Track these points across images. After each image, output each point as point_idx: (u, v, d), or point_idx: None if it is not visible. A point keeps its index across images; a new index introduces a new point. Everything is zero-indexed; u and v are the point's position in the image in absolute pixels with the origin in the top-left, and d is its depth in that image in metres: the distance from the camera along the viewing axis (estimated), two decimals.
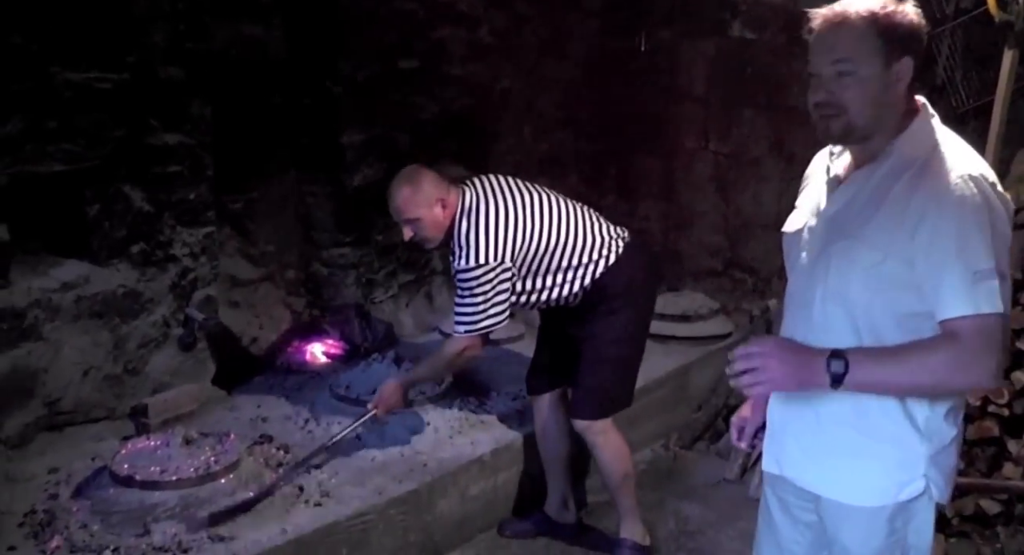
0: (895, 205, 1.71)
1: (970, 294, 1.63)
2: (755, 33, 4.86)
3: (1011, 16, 3.33)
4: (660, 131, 5.36)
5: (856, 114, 1.74)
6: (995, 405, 3.26)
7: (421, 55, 4.56)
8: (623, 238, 3.20)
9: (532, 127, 5.20)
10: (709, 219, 5.28)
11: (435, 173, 3.13)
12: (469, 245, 2.99)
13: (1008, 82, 3.40)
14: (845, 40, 1.72)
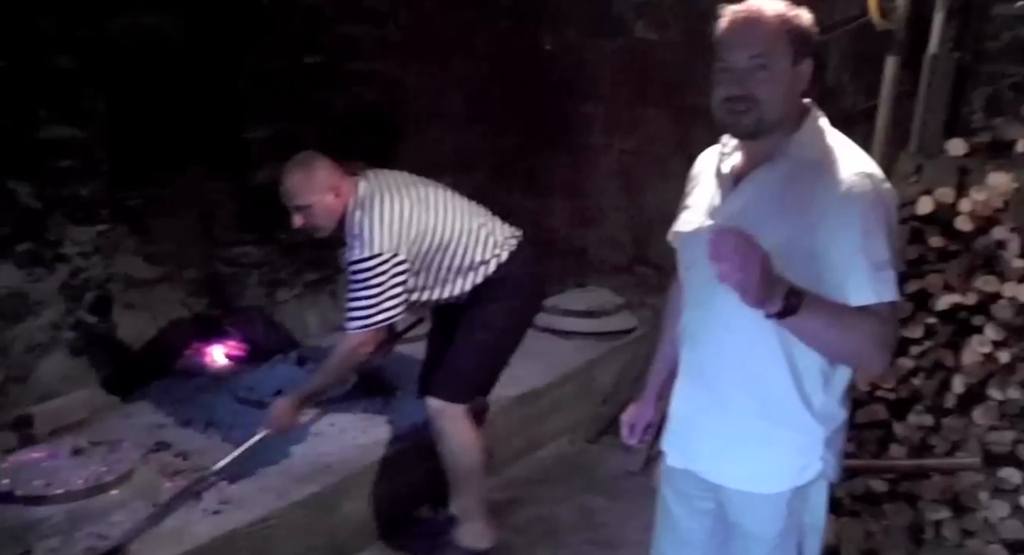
0: (797, 201, 1.77)
1: (873, 284, 1.71)
2: (658, 33, 4.93)
3: (892, 25, 3.46)
4: (567, 129, 5.40)
5: (768, 108, 1.78)
6: (882, 389, 3.38)
7: (327, 50, 4.51)
8: (516, 237, 3.23)
9: (440, 124, 5.19)
10: (614, 216, 5.34)
11: (330, 161, 3.05)
12: (363, 235, 2.91)
13: (891, 86, 3.53)
14: (762, 35, 1.77)
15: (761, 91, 1.77)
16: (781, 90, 1.78)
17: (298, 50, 4.36)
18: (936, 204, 3.27)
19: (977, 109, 3.79)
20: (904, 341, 3.36)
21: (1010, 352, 3.14)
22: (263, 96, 4.18)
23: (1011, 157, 3.29)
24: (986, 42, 3.73)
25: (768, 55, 1.76)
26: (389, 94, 4.82)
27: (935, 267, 3.30)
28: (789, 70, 1.78)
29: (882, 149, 3.59)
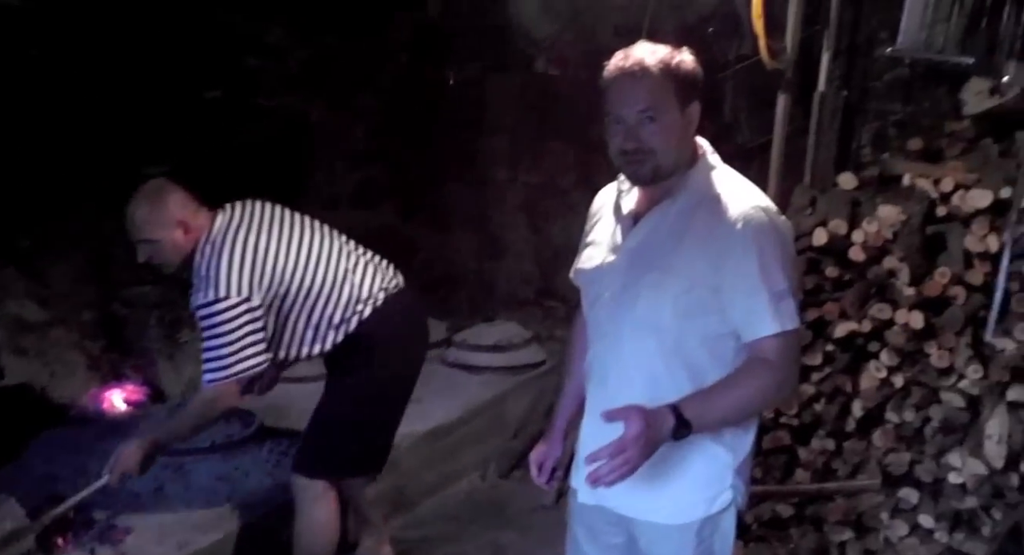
0: (697, 236, 1.81)
1: (774, 314, 1.75)
2: (559, 69, 5.00)
3: (781, 65, 3.60)
4: (472, 163, 5.41)
5: (663, 156, 1.82)
6: (786, 416, 3.45)
7: (227, 85, 4.42)
8: (385, 289, 2.84)
9: (344, 159, 5.13)
10: (521, 249, 5.37)
11: (183, 192, 2.72)
12: (208, 277, 2.58)
13: (783, 123, 3.66)
14: (648, 90, 1.80)
15: (654, 142, 1.81)
16: (673, 138, 1.83)
17: (198, 85, 4.26)
18: (830, 235, 3.38)
19: (865, 144, 3.96)
20: (804, 368, 3.45)
21: (904, 376, 3.25)
22: (161, 131, 4.05)
23: (898, 190, 3.43)
24: (871, 81, 3.92)
25: (655, 107, 1.80)
26: (291, 129, 4.74)
27: (831, 296, 3.41)
28: (678, 117, 1.82)
29: (777, 183, 3.70)
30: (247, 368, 2.60)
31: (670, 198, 1.87)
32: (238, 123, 4.47)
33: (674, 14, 4.38)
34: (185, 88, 4.20)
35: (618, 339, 1.90)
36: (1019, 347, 2.95)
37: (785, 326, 1.75)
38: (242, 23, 4.46)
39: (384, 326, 2.78)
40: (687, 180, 1.87)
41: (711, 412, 1.76)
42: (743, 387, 1.78)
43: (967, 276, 3.12)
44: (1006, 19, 2.08)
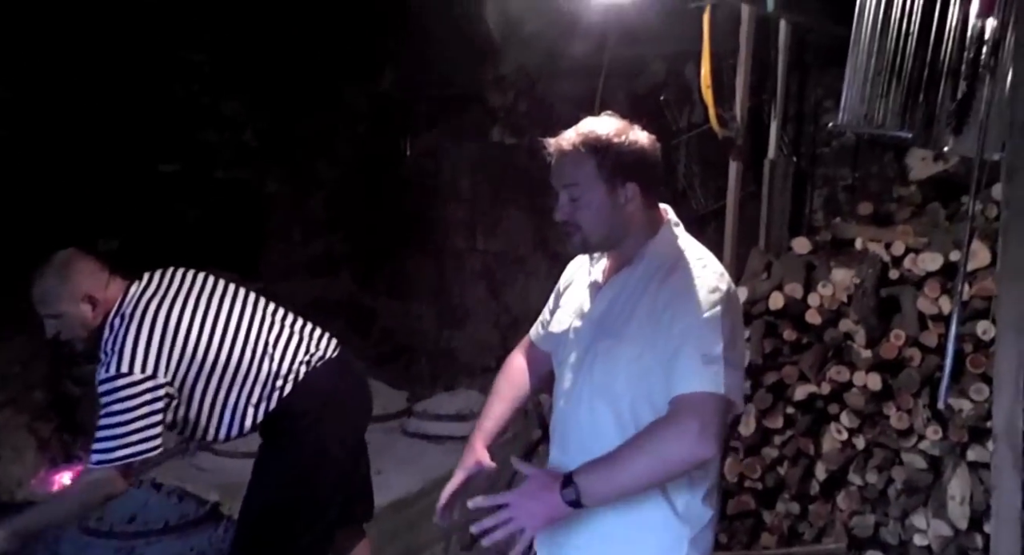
0: (649, 303, 1.81)
1: (697, 374, 1.72)
2: (514, 138, 5.04)
3: (731, 133, 3.67)
4: (430, 231, 5.40)
5: (589, 233, 1.87)
6: (750, 480, 3.43)
7: (184, 158, 4.39)
8: (309, 363, 2.64)
9: (301, 229, 5.10)
10: (480, 316, 5.33)
11: (94, 262, 2.55)
12: (113, 351, 2.40)
13: (736, 189, 3.71)
14: (570, 169, 1.85)
15: (579, 218, 1.86)
16: (598, 217, 1.85)
17: (153, 158, 4.22)
18: (787, 299, 3.41)
19: (817, 209, 4.03)
20: (766, 431, 3.45)
21: (865, 438, 3.26)
22: (114, 206, 3.99)
23: (851, 253, 3.48)
24: (819, 148, 4.01)
25: (576, 186, 1.84)
26: (247, 201, 4.71)
27: (790, 359, 3.42)
28: (605, 199, 1.84)
29: (733, 247, 3.74)
30: (136, 453, 2.40)
31: (630, 266, 1.89)
32: (194, 195, 4.43)
33: (626, 83, 4.46)
34: (141, 161, 4.17)
35: (578, 403, 1.91)
36: (976, 407, 2.97)
37: (705, 387, 1.71)
38: (200, 95, 4.46)
39: (307, 401, 2.60)
40: (646, 249, 1.88)
41: (602, 480, 1.72)
42: (635, 449, 1.73)
43: (922, 338, 3.16)
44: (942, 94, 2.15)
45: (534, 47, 4.66)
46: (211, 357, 2.51)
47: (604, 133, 1.84)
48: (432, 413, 4.61)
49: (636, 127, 1.89)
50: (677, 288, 1.79)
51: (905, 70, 2.14)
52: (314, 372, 2.64)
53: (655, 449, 1.72)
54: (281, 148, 4.90)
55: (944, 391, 2.08)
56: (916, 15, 2.14)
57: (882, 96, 2.15)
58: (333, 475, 2.67)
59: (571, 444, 1.94)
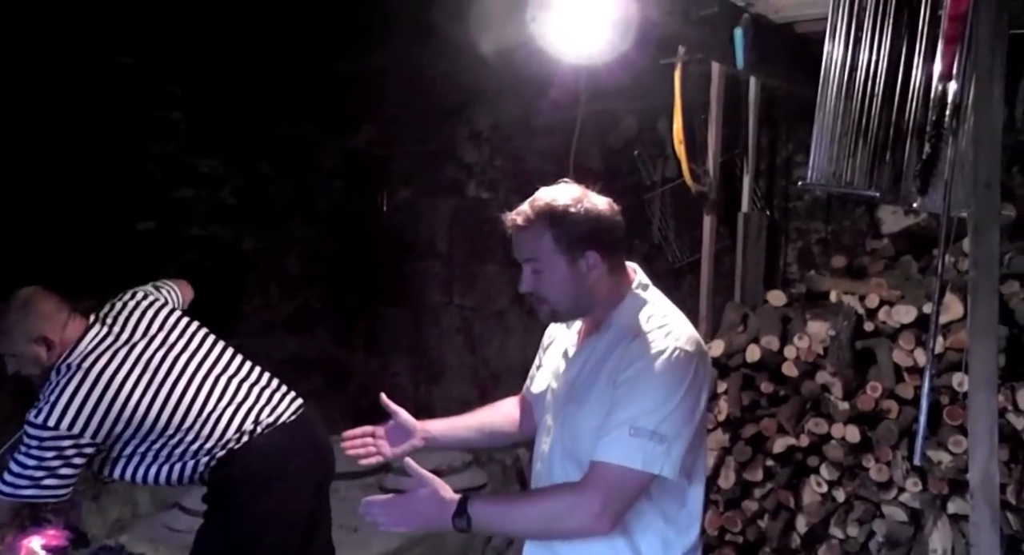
0: (610, 373, 1.80)
1: (617, 444, 1.70)
2: (489, 193, 5.08)
3: (704, 187, 3.72)
4: (407, 287, 5.41)
5: (555, 303, 1.86)
6: (731, 533, 3.41)
7: (159, 216, 4.38)
8: (252, 431, 2.59)
9: (278, 285, 5.09)
10: (458, 371, 5.32)
11: (55, 302, 2.56)
12: (47, 401, 2.43)
13: (711, 242, 3.75)
14: (528, 244, 1.84)
15: (543, 291, 1.85)
16: (560, 288, 1.84)
17: (129, 217, 4.22)
18: (763, 351, 3.42)
19: (792, 262, 4.07)
20: (746, 484, 3.43)
21: (845, 490, 3.25)
22: (89, 265, 3.97)
23: (826, 306, 3.51)
24: (792, 202, 4.07)
25: (535, 259, 1.83)
26: (224, 258, 4.70)
27: (768, 411, 3.42)
28: (566, 270, 1.82)
29: (709, 300, 3.76)
30: (41, 496, 2.47)
31: (598, 332, 1.88)
32: (170, 252, 4.42)
33: (600, 138, 4.52)
34: (117, 219, 4.16)
35: (551, 465, 1.91)
36: (955, 459, 2.98)
37: (623, 460, 1.69)
38: (176, 154, 4.48)
39: (248, 468, 2.56)
40: (614, 316, 1.87)
41: (492, 517, 1.76)
42: (529, 504, 1.79)
43: (898, 389, 3.17)
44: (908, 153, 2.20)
45: (508, 103, 4.73)
46: (148, 420, 2.50)
47: (559, 204, 1.81)
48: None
49: (591, 193, 1.87)
50: (632, 359, 1.77)
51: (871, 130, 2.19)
52: (260, 438, 2.59)
53: (551, 513, 1.74)
54: (258, 205, 4.91)
55: (920, 445, 2.08)
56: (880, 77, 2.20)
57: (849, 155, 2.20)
58: (278, 545, 2.60)
59: None
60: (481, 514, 1.73)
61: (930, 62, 2.14)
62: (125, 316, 2.64)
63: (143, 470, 2.58)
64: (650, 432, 1.69)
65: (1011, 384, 2.96)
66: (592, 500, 1.70)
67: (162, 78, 4.34)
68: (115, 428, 2.47)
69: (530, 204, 1.85)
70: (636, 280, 1.93)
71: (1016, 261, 3.21)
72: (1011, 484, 2.88)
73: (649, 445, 1.69)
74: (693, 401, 1.76)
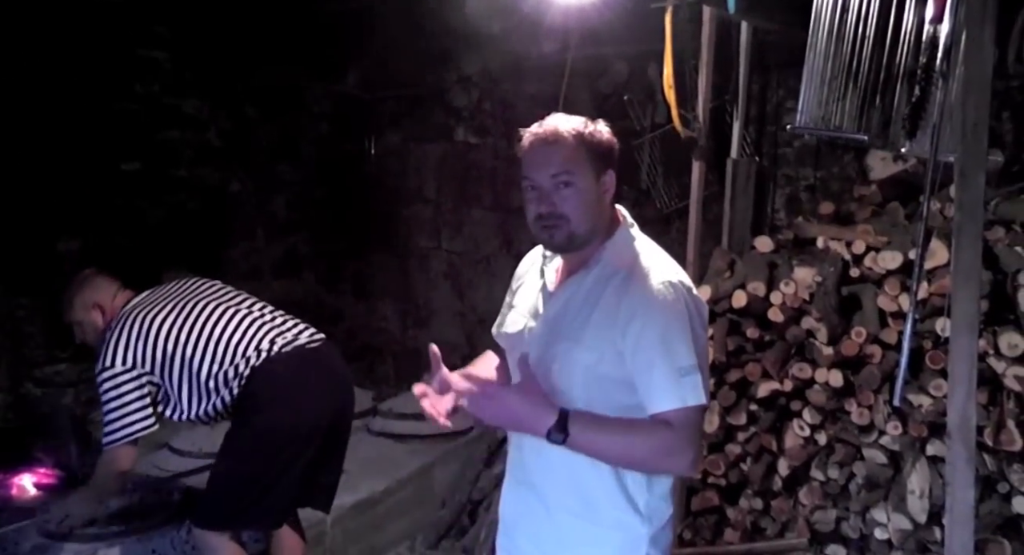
0: (607, 308, 1.81)
1: (676, 389, 1.74)
2: (478, 138, 5.06)
3: (694, 133, 3.70)
4: (394, 231, 5.41)
5: (577, 223, 1.83)
6: (714, 476, 3.47)
7: (144, 157, 4.34)
8: (270, 351, 2.89)
9: (265, 229, 5.07)
10: (445, 316, 5.34)
11: (105, 278, 3.06)
12: (105, 350, 2.85)
13: (699, 189, 3.74)
14: (561, 155, 1.82)
15: (567, 208, 1.83)
16: (587, 205, 1.84)
17: (114, 157, 4.18)
18: (749, 297, 3.45)
19: (779, 208, 4.08)
20: (730, 428, 3.49)
21: (827, 434, 3.31)
22: (75, 206, 3.95)
23: (813, 252, 3.53)
24: (781, 148, 4.06)
25: (569, 172, 1.82)
26: (211, 201, 4.67)
27: (753, 357, 3.46)
28: (593, 185, 1.84)
29: (696, 247, 3.76)
30: (134, 431, 2.83)
31: (586, 268, 1.89)
32: (156, 194, 4.39)
33: (589, 83, 4.49)
34: (102, 160, 4.12)
35: None
36: (935, 403, 3.02)
37: (687, 401, 1.74)
38: (160, 94, 4.42)
39: (263, 383, 2.87)
40: (603, 251, 1.88)
41: (593, 440, 1.75)
42: (636, 437, 1.76)
43: (882, 335, 3.21)
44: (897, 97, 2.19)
45: (497, 47, 4.68)
46: (179, 349, 2.87)
47: (584, 122, 1.86)
48: (397, 412, 4.61)
49: None
50: (639, 298, 1.79)
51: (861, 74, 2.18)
52: (278, 356, 2.90)
53: (653, 450, 1.75)
54: (244, 148, 4.87)
55: (899, 388, 2.12)
56: (872, 20, 2.18)
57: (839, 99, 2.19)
58: (286, 455, 2.88)
59: (527, 447, 1.94)
60: (581, 435, 1.72)
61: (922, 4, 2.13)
62: (163, 284, 3.08)
63: (194, 409, 2.91)
64: (690, 367, 1.75)
65: (994, 328, 3.01)
66: (688, 446, 1.74)
67: (146, 17, 4.26)
68: (155, 355, 2.85)
69: (554, 121, 1.86)
70: (625, 219, 1.95)
71: (1002, 207, 3.23)
72: (989, 426, 2.93)
73: (696, 379, 1.75)
74: (704, 333, 1.84)
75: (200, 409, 2.91)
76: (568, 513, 1.88)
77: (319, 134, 5.32)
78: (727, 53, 3.85)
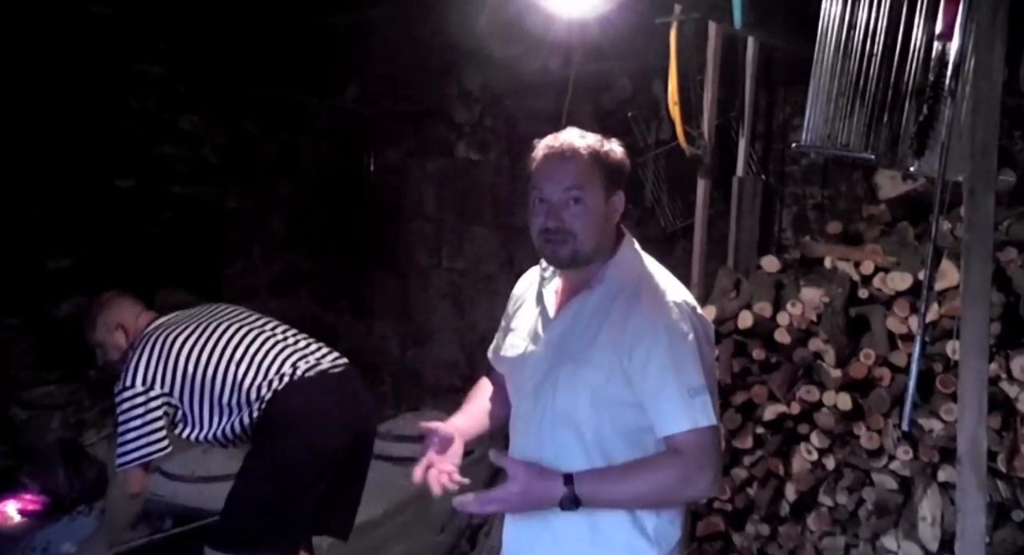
0: (613, 328, 1.82)
1: (687, 410, 1.75)
2: (480, 154, 5.07)
3: (699, 150, 3.71)
4: (394, 249, 5.41)
5: (583, 240, 1.85)
6: (719, 501, 3.46)
7: (139, 173, 4.35)
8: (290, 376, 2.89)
9: (262, 247, 5.08)
10: (445, 336, 5.33)
11: (129, 299, 3.10)
12: (126, 370, 2.88)
13: (704, 207, 3.75)
14: (575, 170, 1.84)
15: (575, 224, 1.84)
16: (594, 223, 1.86)
17: (107, 173, 4.19)
18: (756, 318, 3.45)
19: (786, 227, 4.08)
20: (736, 452, 3.47)
21: (835, 458, 3.30)
22: (66, 223, 3.95)
23: (821, 272, 3.53)
24: (788, 166, 4.06)
25: (581, 188, 1.84)
26: (207, 218, 4.68)
27: (759, 378, 3.45)
28: (602, 203, 1.86)
29: (701, 266, 3.76)
30: (146, 454, 2.84)
31: (589, 288, 1.90)
32: (151, 211, 4.40)
33: (593, 99, 4.51)
34: (94, 176, 4.13)
35: (539, 431, 1.91)
36: (946, 427, 3.01)
37: (698, 422, 1.75)
38: (156, 110, 4.43)
39: (287, 409, 2.87)
40: (607, 270, 1.89)
41: (606, 493, 1.78)
42: (646, 477, 1.78)
43: (891, 357, 3.20)
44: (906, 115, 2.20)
45: (499, 62, 4.69)
46: (199, 370, 2.88)
47: (599, 140, 1.88)
48: (396, 434, 4.59)
49: None
50: (646, 318, 1.80)
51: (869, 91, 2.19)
52: (299, 380, 2.90)
53: (668, 485, 1.78)
54: (241, 164, 4.88)
55: (907, 412, 2.11)
56: (879, 36, 2.19)
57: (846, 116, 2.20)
58: (304, 480, 2.88)
59: None
60: (589, 492, 1.75)
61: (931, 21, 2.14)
62: (193, 309, 3.10)
63: (212, 429, 2.91)
64: (700, 387, 1.77)
65: (1006, 352, 2.99)
66: (705, 467, 1.76)
67: (142, 31, 4.28)
68: (175, 376, 2.86)
69: (569, 136, 1.88)
70: (628, 237, 1.96)
71: (1015, 228, 3.23)
72: (1002, 452, 2.92)
73: (706, 399, 1.77)
74: (711, 352, 1.86)
75: (217, 430, 2.92)
76: (576, 540, 1.88)
77: (318, 150, 5.33)
78: (733, 69, 3.86)
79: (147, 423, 2.84)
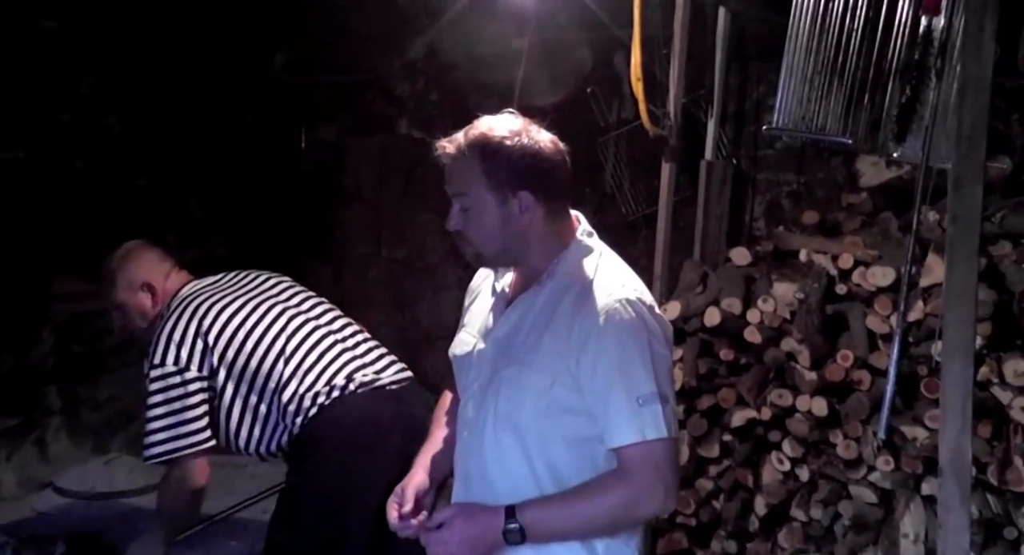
0: (559, 329, 1.83)
1: (635, 421, 1.76)
2: (424, 132, 5.03)
3: (664, 131, 3.71)
4: (327, 236, 5.36)
5: (480, 246, 1.89)
6: (683, 515, 3.48)
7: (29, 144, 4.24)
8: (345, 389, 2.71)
9: (178, 232, 4.98)
10: (385, 331, 5.27)
11: (158, 253, 2.94)
12: (155, 344, 2.67)
13: (669, 193, 3.76)
14: (457, 176, 1.87)
15: (468, 230, 1.88)
16: (487, 230, 1.87)
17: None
18: (723, 315, 3.47)
19: (758, 217, 4.11)
20: (701, 461, 3.50)
21: (810, 469, 3.34)
22: None
23: (795, 266, 3.56)
24: (761, 150, 4.09)
25: (464, 195, 1.87)
26: (111, 198, 4.57)
27: (727, 381, 3.49)
28: (495, 210, 1.86)
29: (665, 258, 3.78)
30: (183, 446, 2.63)
31: (538, 284, 1.91)
32: (43, 189, 4.28)
33: (549, 72, 4.49)
34: None
35: (481, 434, 1.93)
36: (931, 436, 3.02)
37: (646, 435, 1.76)
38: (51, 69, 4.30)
39: (332, 431, 2.67)
40: (555, 266, 1.90)
41: (551, 521, 1.80)
42: (590, 502, 1.81)
43: (871, 359, 3.24)
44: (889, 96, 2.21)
45: (447, 30, 4.67)
46: (240, 360, 2.68)
47: (495, 135, 1.85)
48: None
49: (534, 127, 1.90)
50: (591, 320, 1.80)
51: (848, 70, 2.20)
52: (352, 396, 2.70)
53: (616, 507, 1.79)
54: (152, 136, 4.78)
55: (884, 418, 2.14)
56: (860, 9, 2.20)
57: (822, 97, 2.21)
58: (352, 520, 2.63)
59: (473, 479, 1.96)
60: (534, 522, 1.77)
61: None
62: (227, 272, 2.97)
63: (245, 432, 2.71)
64: (650, 395, 1.77)
65: (998, 354, 3.03)
66: (654, 484, 1.76)
67: None
68: (213, 359, 2.65)
69: (464, 133, 1.88)
70: (580, 228, 1.96)
71: (1010, 219, 3.26)
72: (993, 463, 2.95)
73: (656, 409, 1.77)
74: (667, 356, 1.86)
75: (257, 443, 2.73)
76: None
77: (242, 123, 5.25)
78: (702, 43, 3.87)
79: (187, 408, 2.64)
